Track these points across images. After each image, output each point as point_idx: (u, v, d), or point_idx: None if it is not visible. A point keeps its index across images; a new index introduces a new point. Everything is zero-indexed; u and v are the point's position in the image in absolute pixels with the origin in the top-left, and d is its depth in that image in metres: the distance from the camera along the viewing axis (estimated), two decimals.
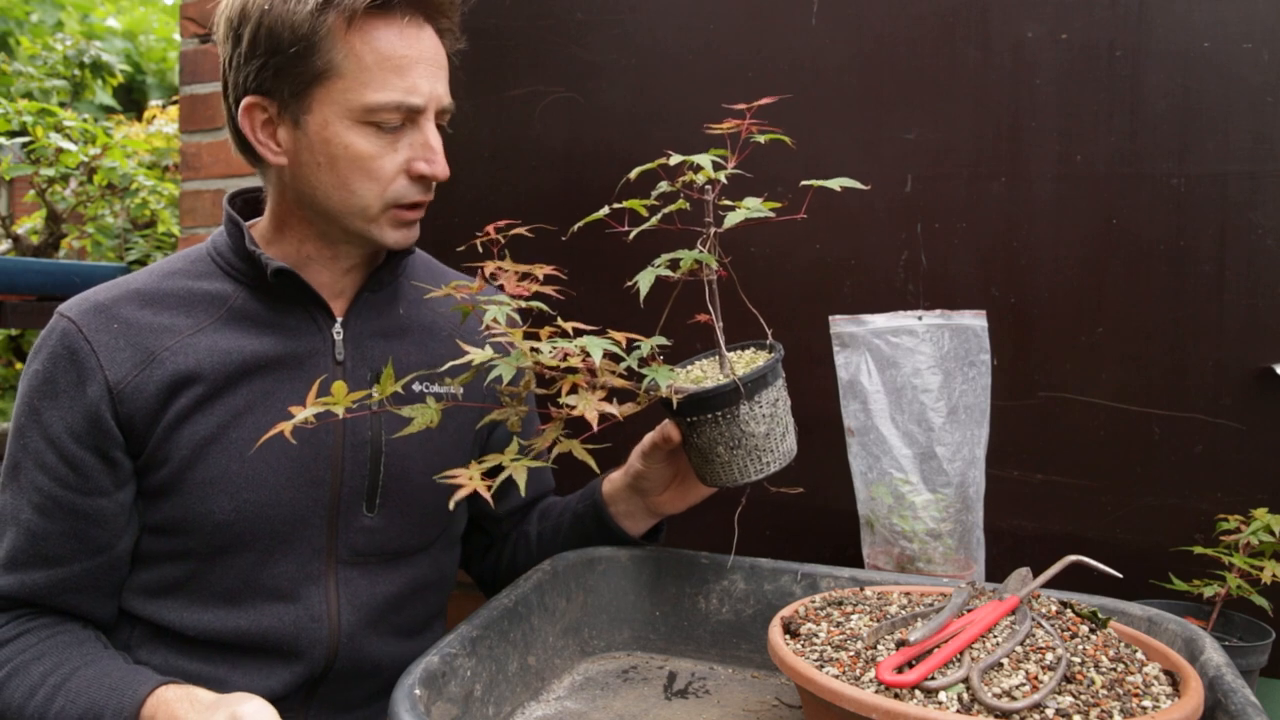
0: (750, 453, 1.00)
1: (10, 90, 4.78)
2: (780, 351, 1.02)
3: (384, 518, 1.11)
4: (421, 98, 1.03)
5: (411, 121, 1.04)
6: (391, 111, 1.02)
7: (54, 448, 1.01)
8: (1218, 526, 1.17)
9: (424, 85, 1.03)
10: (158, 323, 1.05)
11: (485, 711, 0.90)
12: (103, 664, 1.00)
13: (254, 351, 1.06)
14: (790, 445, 1.02)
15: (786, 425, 1.01)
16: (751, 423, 0.98)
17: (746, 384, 0.97)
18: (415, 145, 1.05)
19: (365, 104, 1.01)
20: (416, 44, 1.03)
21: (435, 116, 1.06)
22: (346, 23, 0.99)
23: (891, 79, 1.40)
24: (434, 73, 1.04)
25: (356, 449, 1.09)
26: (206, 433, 1.03)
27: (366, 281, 1.13)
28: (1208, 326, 1.29)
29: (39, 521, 1.01)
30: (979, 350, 1.19)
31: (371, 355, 1.12)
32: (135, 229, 3.40)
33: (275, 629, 1.05)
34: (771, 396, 0.99)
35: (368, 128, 1.02)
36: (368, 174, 1.03)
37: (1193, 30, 1.28)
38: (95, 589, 1.05)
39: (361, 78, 1.00)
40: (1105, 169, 1.32)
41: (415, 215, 1.09)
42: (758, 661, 1.09)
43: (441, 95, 1.06)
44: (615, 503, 1.16)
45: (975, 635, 0.78)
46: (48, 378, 1.02)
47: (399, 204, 1.06)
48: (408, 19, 1.02)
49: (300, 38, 0.99)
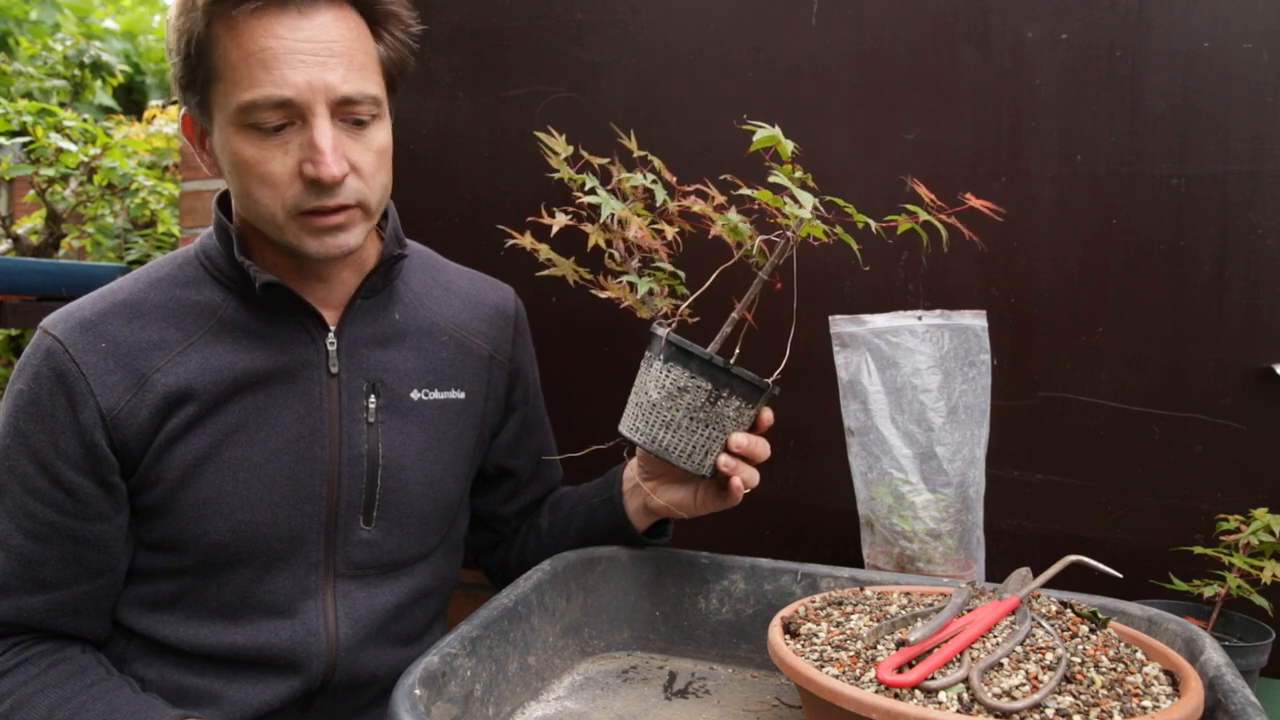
0: (639, 405, 1.03)
1: (10, 90, 4.78)
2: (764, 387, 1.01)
3: (382, 530, 1.09)
4: (292, 89, 0.93)
5: (301, 119, 0.95)
6: (264, 110, 0.94)
7: (46, 473, 0.98)
8: (1218, 526, 1.17)
9: (296, 76, 0.93)
10: (147, 339, 1.01)
11: (485, 711, 0.90)
12: (110, 697, 0.97)
13: (245, 367, 1.03)
14: (662, 439, 1.01)
15: (677, 424, 1.00)
16: (651, 384, 1.01)
17: (671, 345, 0.99)
18: (304, 145, 0.96)
19: (238, 104, 0.94)
20: (289, 33, 0.94)
21: (340, 110, 0.97)
22: (219, 22, 0.94)
23: (891, 79, 1.40)
24: (318, 61, 0.94)
25: (353, 462, 1.07)
26: (199, 452, 1.01)
27: (359, 288, 1.09)
28: (1208, 326, 1.29)
29: (32, 547, 0.98)
30: (979, 350, 1.19)
31: (367, 364, 1.09)
32: (135, 229, 3.40)
33: (272, 644, 1.03)
34: (681, 381, 0.99)
35: (249, 131, 0.95)
36: (260, 181, 0.97)
37: (1193, 30, 1.28)
38: (95, 610, 1.03)
39: (232, 78, 0.94)
40: (1105, 169, 1.32)
41: (332, 221, 0.99)
42: (758, 661, 1.09)
43: (333, 84, 0.95)
44: (630, 496, 1.15)
45: (975, 635, 0.78)
46: (33, 399, 0.98)
47: (300, 211, 0.98)
48: (290, 8, 0.94)
49: (185, 46, 0.96)
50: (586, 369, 1.54)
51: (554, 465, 1.31)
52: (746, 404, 1.01)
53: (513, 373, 1.23)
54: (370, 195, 1.01)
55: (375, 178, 1.02)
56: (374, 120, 1.01)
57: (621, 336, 1.53)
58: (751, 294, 1.02)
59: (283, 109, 0.94)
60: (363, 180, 1.00)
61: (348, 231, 1.01)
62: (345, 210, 1.00)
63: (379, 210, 1.05)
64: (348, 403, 1.07)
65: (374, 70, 1.01)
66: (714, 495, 1.08)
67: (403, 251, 1.12)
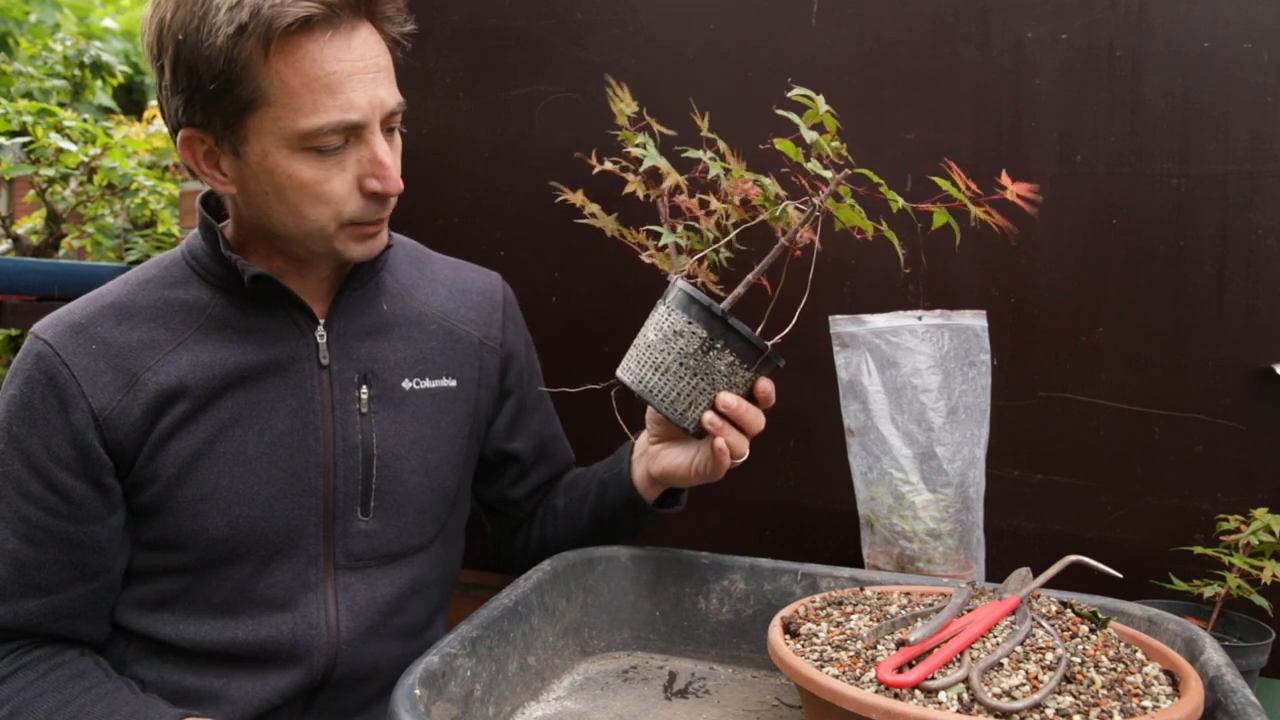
0: (636, 347, 1.03)
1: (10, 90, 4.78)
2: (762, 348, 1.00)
3: (380, 520, 1.10)
4: (359, 113, 0.95)
5: (356, 137, 0.97)
6: (330, 134, 0.95)
7: (39, 476, 0.98)
8: (1218, 526, 1.17)
9: (360, 98, 0.95)
10: (136, 339, 1.02)
11: (485, 711, 0.90)
12: (110, 699, 0.98)
13: (236, 362, 1.04)
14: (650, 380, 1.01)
15: (666, 367, 1.00)
16: (652, 327, 1.01)
17: (680, 291, 0.99)
18: (364, 161, 0.98)
19: (300, 130, 0.94)
20: (346, 54, 0.94)
21: (383, 122, 1.00)
22: (265, 47, 0.91)
23: (891, 79, 1.40)
24: (372, 79, 0.96)
25: (348, 454, 1.07)
26: (193, 449, 1.01)
27: (347, 280, 1.10)
28: (1208, 326, 1.29)
29: (27, 551, 0.99)
30: (979, 350, 1.19)
31: (358, 355, 1.10)
32: (135, 229, 3.40)
33: (273, 638, 1.04)
34: (679, 325, 0.99)
35: (309, 153, 0.96)
36: (317, 199, 0.98)
37: (1193, 30, 1.28)
38: (93, 612, 1.03)
39: (292, 104, 0.93)
40: (1105, 169, 1.32)
41: (377, 229, 1.04)
42: (758, 661, 1.09)
43: (385, 99, 0.98)
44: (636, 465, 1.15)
45: (975, 635, 0.78)
46: (25, 403, 0.99)
47: (356, 222, 1.01)
48: (333, 30, 0.94)
49: (220, 71, 0.92)
50: (586, 369, 1.54)
51: (563, 446, 1.31)
52: (741, 362, 1.00)
53: (504, 357, 1.24)
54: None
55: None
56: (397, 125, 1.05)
57: (622, 337, 1.53)
58: (770, 258, 1.01)
59: (345, 131, 0.96)
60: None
61: (384, 232, 1.07)
62: (385, 219, 1.05)
63: None
64: (339, 394, 1.08)
65: (395, 79, 1.04)
66: (706, 463, 1.07)
67: (388, 243, 1.12)
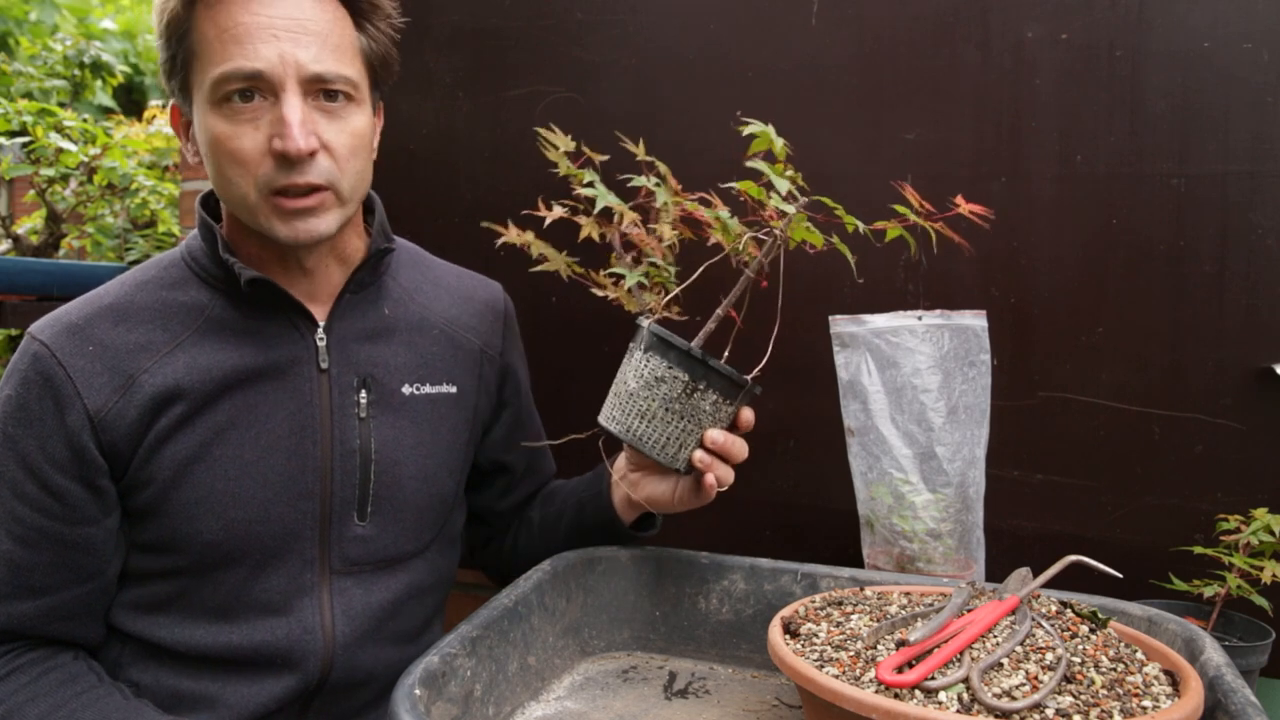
0: (617, 395, 1.03)
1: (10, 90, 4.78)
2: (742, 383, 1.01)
3: (376, 525, 1.09)
4: (263, 62, 0.94)
5: (271, 95, 0.96)
6: (233, 81, 0.94)
7: (34, 478, 0.98)
8: (1218, 526, 1.17)
9: (267, 50, 0.94)
10: (134, 340, 1.01)
11: (485, 711, 0.90)
12: (100, 705, 0.97)
13: (234, 365, 1.03)
14: (637, 429, 1.01)
15: (653, 414, 1.00)
16: (630, 373, 1.01)
17: (652, 335, 0.99)
18: (274, 122, 0.96)
19: (211, 79, 0.95)
20: (263, 9, 0.95)
21: (312, 88, 0.97)
22: (204, 5, 0.96)
23: (891, 79, 1.40)
24: (290, 38, 0.95)
25: (345, 458, 1.07)
26: (189, 452, 1.01)
27: (347, 283, 1.09)
28: (1208, 326, 1.29)
29: (22, 552, 0.98)
30: (979, 350, 1.19)
31: (357, 360, 1.09)
32: (135, 229, 3.40)
33: (268, 643, 1.03)
34: (659, 371, 0.99)
35: (221, 107, 0.96)
36: (231, 158, 0.97)
37: (1193, 30, 1.28)
38: (87, 614, 1.03)
39: (206, 54, 0.96)
40: (1105, 169, 1.32)
41: (302, 204, 0.99)
42: (758, 661, 1.09)
43: (304, 61, 0.96)
44: (617, 489, 1.15)
45: (975, 635, 0.78)
46: (21, 404, 0.98)
47: (272, 190, 0.98)
48: None
49: (170, 32, 0.98)
50: (585, 369, 1.54)
51: (547, 459, 1.31)
52: (724, 399, 1.01)
53: (503, 368, 1.24)
54: (343, 180, 1.01)
55: (349, 162, 1.01)
56: (350, 103, 1.01)
57: (621, 337, 1.53)
58: (737, 291, 1.02)
59: (252, 81, 0.95)
60: (335, 161, 1.00)
61: (319, 216, 1.00)
62: (316, 192, 0.99)
63: (354, 199, 1.05)
64: (338, 398, 1.07)
65: (351, 56, 1.02)
66: (691, 492, 1.08)
67: (390, 246, 1.12)
